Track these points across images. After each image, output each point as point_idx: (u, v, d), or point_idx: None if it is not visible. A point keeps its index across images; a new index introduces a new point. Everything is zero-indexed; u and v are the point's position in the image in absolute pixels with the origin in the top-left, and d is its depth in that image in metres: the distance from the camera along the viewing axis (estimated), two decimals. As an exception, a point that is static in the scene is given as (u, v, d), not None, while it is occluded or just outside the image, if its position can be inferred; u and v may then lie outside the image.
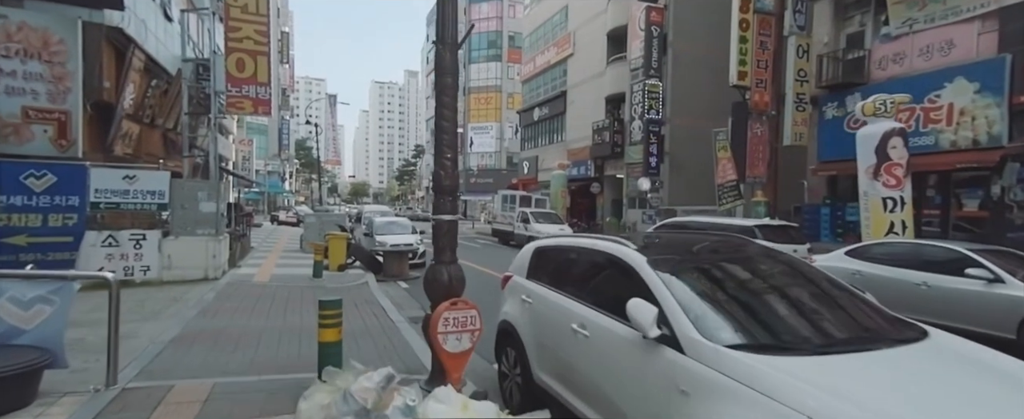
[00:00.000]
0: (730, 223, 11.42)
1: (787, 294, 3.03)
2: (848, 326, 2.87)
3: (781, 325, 2.76)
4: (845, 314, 2.94)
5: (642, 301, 2.73)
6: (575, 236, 4.35)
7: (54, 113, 10.59)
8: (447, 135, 3.56)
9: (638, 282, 2.99)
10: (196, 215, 10.75)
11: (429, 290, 3.56)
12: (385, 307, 8.87)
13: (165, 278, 10.12)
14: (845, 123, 15.12)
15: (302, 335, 6.52)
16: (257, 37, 12.36)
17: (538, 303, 4.09)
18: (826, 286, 3.15)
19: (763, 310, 2.89)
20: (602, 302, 3.31)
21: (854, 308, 3.00)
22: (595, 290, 3.49)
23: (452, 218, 3.57)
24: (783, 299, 2.99)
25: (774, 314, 2.87)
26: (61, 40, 10.75)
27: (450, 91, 3.51)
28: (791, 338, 2.65)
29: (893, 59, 14.20)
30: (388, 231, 15.75)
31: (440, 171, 3.54)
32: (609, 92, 26.57)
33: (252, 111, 12.76)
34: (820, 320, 2.85)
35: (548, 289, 4.02)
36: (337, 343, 4.60)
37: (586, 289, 3.55)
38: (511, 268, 4.94)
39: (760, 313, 2.85)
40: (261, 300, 8.88)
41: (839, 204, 15.33)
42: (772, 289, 3.06)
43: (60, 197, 9.25)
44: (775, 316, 2.86)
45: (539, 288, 4.17)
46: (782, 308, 2.91)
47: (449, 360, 3.24)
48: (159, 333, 6.30)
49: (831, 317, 2.90)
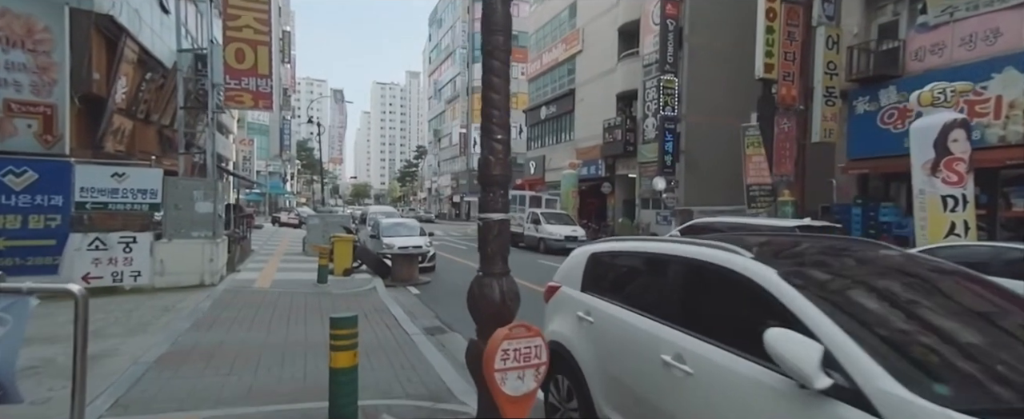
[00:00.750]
0: (765, 224, 10.61)
1: (997, 325, 2.22)
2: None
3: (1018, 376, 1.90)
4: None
5: (792, 333, 1.93)
6: (646, 240, 3.54)
7: (39, 106, 9.85)
8: (498, 110, 2.77)
9: (771, 304, 2.19)
10: (192, 216, 9.96)
11: (475, 309, 2.76)
12: (397, 316, 8.08)
13: (157, 285, 9.33)
14: (878, 118, 14.33)
15: (308, 352, 5.73)
16: (257, 26, 11.58)
17: (603, 322, 3.29)
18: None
19: (979, 351, 2.05)
20: (709, 328, 2.51)
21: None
22: (695, 311, 2.69)
23: (502, 218, 2.77)
24: (995, 333, 2.18)
25: (999, 358, 2.02)
26: (46, 28, 10.00)
27: (501, 53, 2.72)
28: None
29: (931, 50, 13.39)
30: (395, 233, 14.96)
31: (488, 156, 2.75)
32: (620, 89, 25.77)
33: (252, 105, 11.97)
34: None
35: (617, 306, 3.23)
36: (351, 369, 3.81)
37: (679, 309, 2.75)
38: (558, 277, 4.14)
39: (976, 356, 2.02)
40: (262, 309, 8.08)
41: (871, 204, 14.51)
42: (971, 317, 2.26)
43: (42, 196, 8.48)
44: (1004, 361, 1.98)
45: (603, 304, 3.37)
46: (1006, 349, 2.08)
47: (510, 406, 2.45)
48: (144, 351, 5.50)
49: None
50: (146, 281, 9.15)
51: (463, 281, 12.70)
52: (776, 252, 2.75)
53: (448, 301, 10.15)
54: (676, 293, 2.84)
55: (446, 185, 67.39)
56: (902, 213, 14.24)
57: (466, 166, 59.02)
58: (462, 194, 59.67)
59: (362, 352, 4.82)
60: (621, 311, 3.15)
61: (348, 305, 8.86)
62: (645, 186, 23.89)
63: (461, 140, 60.74)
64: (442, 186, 69.75)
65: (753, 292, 2.30)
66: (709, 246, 2.73)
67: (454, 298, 10.47)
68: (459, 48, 62.55)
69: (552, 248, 20.07)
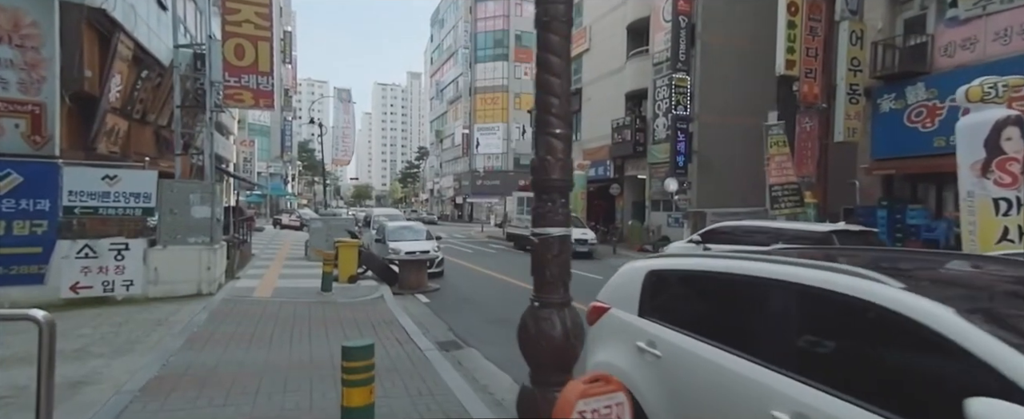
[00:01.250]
0: (798, 228, 10.01)
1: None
2: None
3: None
4: None
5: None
6: (721, 257, 2.95)
7: (27, 105, 9.28)
8: (557, 98, 2.18)
9: (950, 355, 1.61)
10: (188, 221, 9.38)
11: (531, 349, 2.16)
12: (408, 329, 7.50)
13: (151, 294, 8.76)
14: (905, 116, 13.72)
15: (314, 376, 5.14)
16: (258, 20, 11.02)
17: (676, 359, 2.71)
18: None
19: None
20: (845, 381, 1.92)
21: None
22: (819, 356, 2.11)
23: (563, 233, 2.18)
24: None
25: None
26: (34, 22, 9.44)
27: (561, 25, 2.11)
28: None
29: (962, 45, 12.79)
30: (401, 237, 14.40)
31: (546, 157, 2.16)
32: (630, 88, 25.18)
33: (253, 104, 11.40)
34: None
35: (695, 339, 2.64)
36: (367, 408, 3.24)
37: (794, 351, 2.17)
38: (604, 296, 3.54)
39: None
40: (263, 322, 7.51)
41: (898, 206, 13.89)
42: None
43: (27, 201, 7.93)
44: None
45: (674, 335, 2.79)
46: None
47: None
48: (130, 375, 4.92)
49: None
50: (139, 291, 8.58)
51: (473, 287, 12.25)
52: (931, 280, 2.17)
53: (460, 310, 9.58)
54: (787, 330, 2.25)
55: (448, 186, 66.83)
56: (931, 215, 13.64)
57: (468, 167, 58.48)
58: (465, 195, 59.12)
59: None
60: (703, 347, 2.56)
61: (354, 315, 8.29)
62: (655, 188, 23.30)
63: (463, 141, 60.22)
64: (444, 187, 69.20)
65: (919, 337, 1.72)
66: (832, 270, 2.14)
67: (466, 306, 9.90)
68: (461, 48, 62.04)
69: (562, 252, 19.47)
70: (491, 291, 11.77)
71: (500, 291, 11.80)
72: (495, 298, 10.87)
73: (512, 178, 47.65)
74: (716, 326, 2.63)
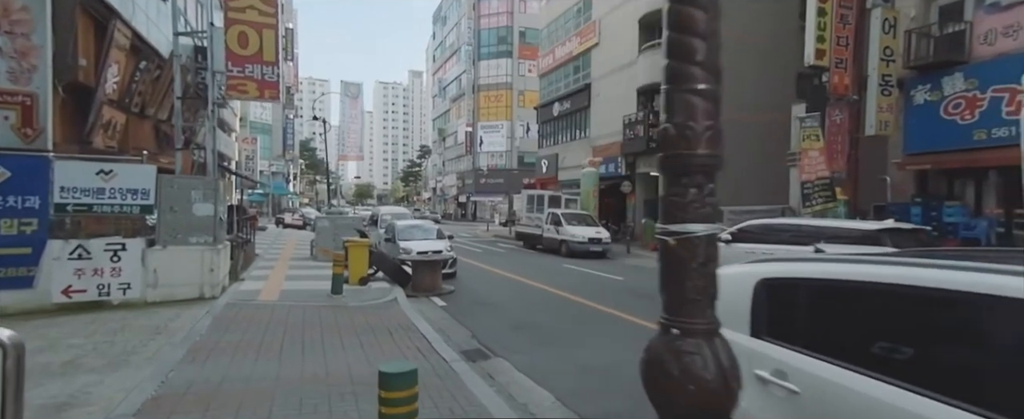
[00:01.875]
0: (839, 226, 9.38)
1: None
2: None
3: None
4: None
5: None
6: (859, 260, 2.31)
7: (17, 95, 8.66)
8: (701, 40, 1.56)
9: None
10: (189, 220, 8.77)
11: (674, 395, 1.49)
12: (428, 336, 6.89)
13: (150, 298, 8.14)
14: (941, 108, 13.08)
15: (333, 393, 4.53)
16: (263, 7, 10.39)
17: (826, 397, 2.10)
18: None
19: None
20: None
21: None
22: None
23: (710, 232, 1.54)
24: None
25: None
26: (25, 7, 8.81)
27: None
28: None
29: (1003, 32, 12.13)
30: (412, 236, 13.77)
31: (687, 124, 1.52)
32: (642, 83, 24.49)
33: (258, 95, 10.76)
34: None
35: (854, 371, 2.01)
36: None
37: (1010, 390, 1.55)
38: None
39: None
40: (270, 329, 6.89)
41: (933, 203, 13.25)
42: None
43: (15, 197, 7.30)
44: None
45: (818, 364, 2.16)
46: None
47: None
48: (124, 394, 4.30)
49: None
50: (137, 294, 7.97)
51: (489, 289, 11.59)
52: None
53: (478, 314, 8.96)
54: (996, 361, 1.62)
55: (452, 185, 66.19)
56: (970, 213, 12.99)
57: (471, 165, 57.85)
58: (468, 194, 58.49)
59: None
60: (870, 384, 1.93)
61: (368, 320, 7.67)
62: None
63: (466, 139, 59.55)
64: (447, 186, 68.55)
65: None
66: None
67: (484, 310, 9.28)
68: (464, 45, 61.36)
69: (575, 251, 18.87)
70: (508, 293, 11.15)
71: (517, 293, 11.18)
72: (514, 301, 10.25)
73: (516, 176, 46.99)
74: (879, 352, 1.99)
